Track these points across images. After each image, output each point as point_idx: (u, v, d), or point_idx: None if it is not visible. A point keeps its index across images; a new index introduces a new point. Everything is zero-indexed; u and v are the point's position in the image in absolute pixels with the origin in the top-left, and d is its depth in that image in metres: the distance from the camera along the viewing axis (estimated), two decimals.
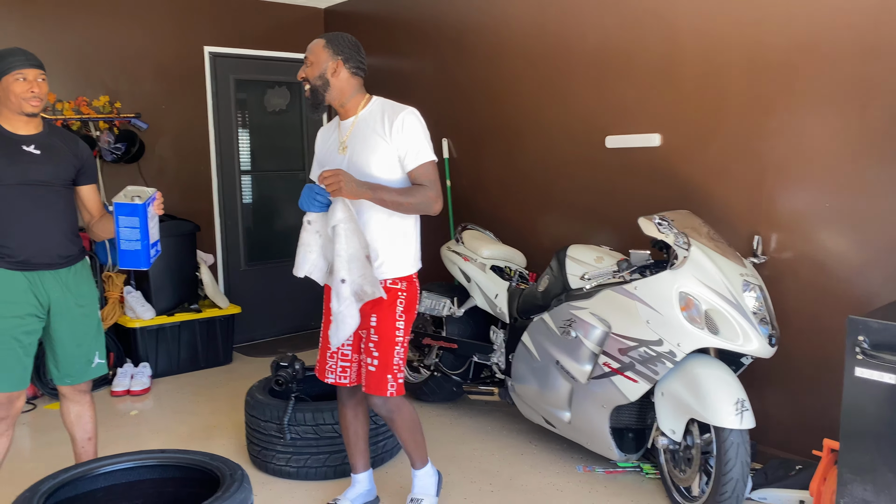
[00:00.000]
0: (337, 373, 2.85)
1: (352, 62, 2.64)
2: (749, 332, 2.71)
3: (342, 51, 2.63)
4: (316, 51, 2.63)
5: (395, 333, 2.68)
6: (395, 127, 2.58)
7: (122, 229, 2.62)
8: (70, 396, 2.88)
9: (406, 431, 2.79)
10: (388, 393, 2.69)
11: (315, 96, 2.66)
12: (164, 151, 5.19)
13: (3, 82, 2.57)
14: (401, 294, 2.70)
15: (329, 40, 2.63)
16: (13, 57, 2.59)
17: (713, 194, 3.43)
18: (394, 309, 2.69)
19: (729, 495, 2.59)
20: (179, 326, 4.88)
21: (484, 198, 4.67)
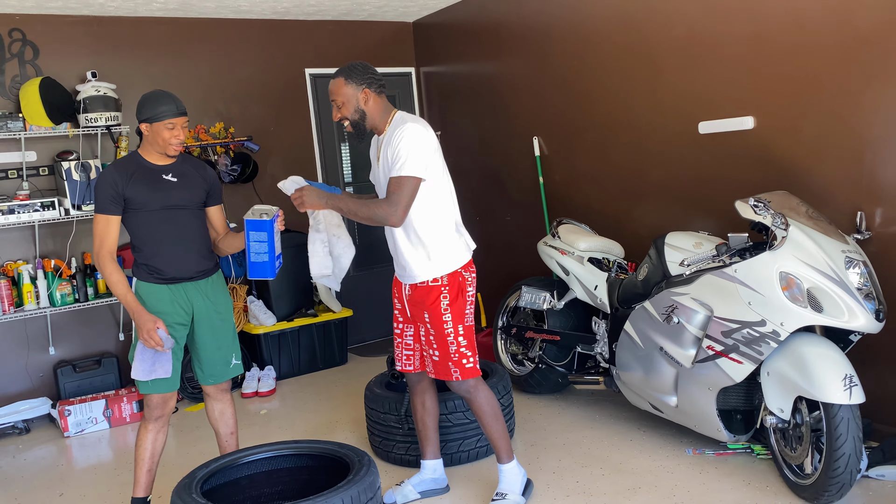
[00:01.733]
0: (402, 360, 3.13)
1: (374, 85, 2.88)
2: (854, 308, 2.71)
3: (363, 79, 2.87)
4: (340, 90, 2.87)
5: (443, 327, 2.89)
6: (393, 140, 2.81)
7: (252, 243, 2.92)
8: (213, 395, 3.21)
9: (484, 415, 2.98)
10: (453, 378, 2.93)
11: (358, 129, 2.94)
12: (275, 170, 5.58)
13: (154, 127, 2.91)
14: (443, 289, 2.90)
15: (346, 75, 2.86)
16: (166, 106, 2.89)
17: (811, 173, 3.41)
18: (438, 305, 2.90)
19: (842, 470, 2.61)
20: (298, 331, 5.23)
21: (577, 192, 4.77)
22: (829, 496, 2.69)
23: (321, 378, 5.21)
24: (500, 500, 2.97)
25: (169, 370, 2.96)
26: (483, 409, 2.98)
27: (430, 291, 2.92)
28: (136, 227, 2.98)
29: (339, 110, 2.90)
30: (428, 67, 6.06)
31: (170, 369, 2.96)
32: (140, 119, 2.91)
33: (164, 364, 2.97)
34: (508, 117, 5.25)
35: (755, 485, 3.02)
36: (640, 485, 3.13)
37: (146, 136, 2.95)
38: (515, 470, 3.04)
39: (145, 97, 2.92)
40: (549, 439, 3.70)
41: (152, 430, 3.00)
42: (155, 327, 2.85)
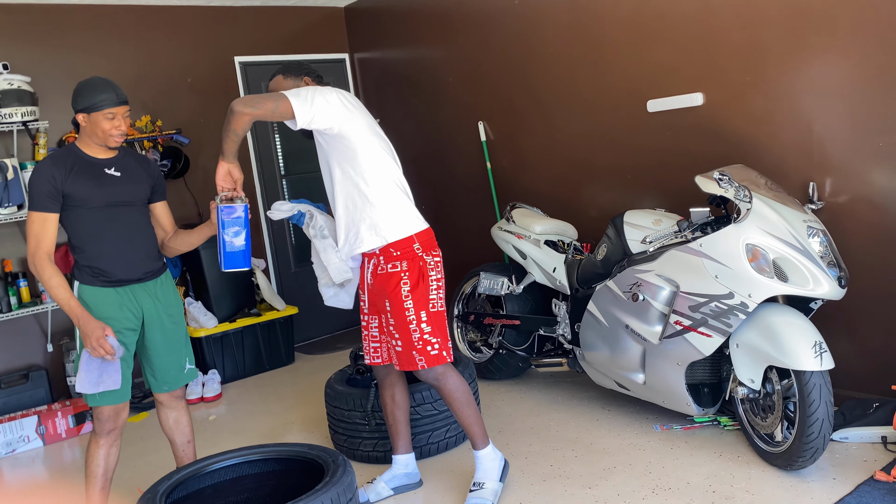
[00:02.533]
0: (370, 353, 3.03)
1: (313, 75, 2.91)
2: (819, 276, 2.77)
3: (300, 70, 2.91)
4: (280, 84, 2.88)
5: (405, 314, 2.80)
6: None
7: (227, 230, 2.75)
8: (167, 403, 3.01)
9: (455, 402, 2.89)
10: (419, 366, 2.84)
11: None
12: (208, 164, 5.32)
13: (92, 117, 2.68)
14: (403, 275, 2.81)
15: (283, 71, 2.91)
16: (105, 94, 2.66)
17: (762, 147, 3.47)
18: (399, 292, 2.80)
19: (816, 436, 2.66)
20: (242, 332, 5.01)
21: (526, 176, 4.74)
22: (802, 461, 2.74)
23: (269, 379, 5.02)
24: (478, 489, 2.90)
25: (118, 381, 2.74)
26: (454, 395, 2.90)
27: (389, 278, 2.82)
28: (77, 226, 2.74)
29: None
30: (362, 53, 5.90)
31: (119, 380, 2.74)
32: (76, 109, 2.68)
33: (112, 375, 2.74)
34: (451, 103, 5.17)
35: (727, 456, 3.06)
36: (614, 464, 3.12)
37: (84, 128, 2.71)
38: (492, 454, 2.97)
39: (81, 85, 2.69)
40: (515, 424, 3.66)
41: (104, 444, 2.78)
42: (104, 334, 2.63)
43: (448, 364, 2.89)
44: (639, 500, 2.81)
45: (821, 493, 2.68)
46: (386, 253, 2.82)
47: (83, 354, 2.68)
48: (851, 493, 2.65)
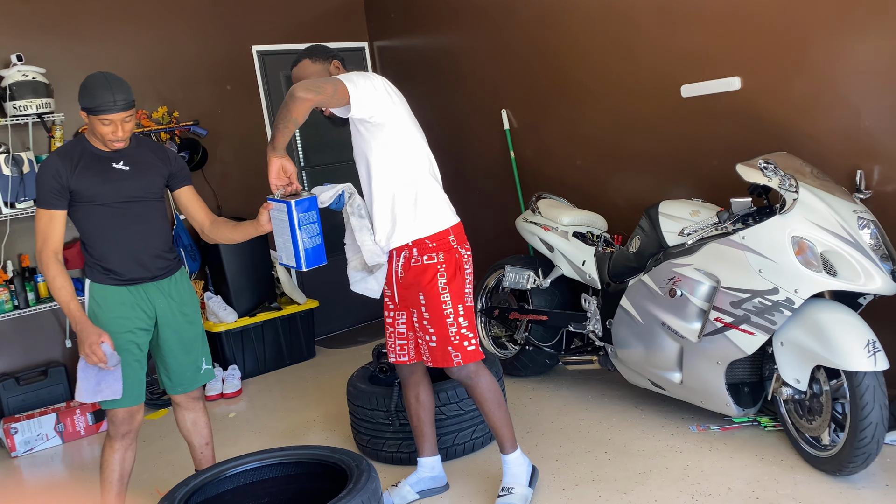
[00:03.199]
0: (396, 351, 2.89)
1: (338, 58, 2.78)
2: (871, 270, 2.59)
3: (328, 53, 2.76)
4: (308, 70, 2.73)
5: (442, 308, 2.68)
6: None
7: (303, 227, 2.56)
8: (184, 404, 2.91)
9: (486, 402, 2.77)
10: (454, 363, 2.71)
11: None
12: (226, 155, 5.21)
13: (91, 119, 2.55)
14: (440, 267, 2.69)
15: (310, 55, 2.74)
16: (103, 99, 2.50)
17: (805, 133, 3.28)
18: (435, 284, 2.68)
19: (869, 440, 2.50)
20: (262, 326, 4.92)
21: (551, 165, 4.58)
22: (853, 467, 2.58)
23: (289, 374, 4.92)
24: (507, 494, 2.78)
25: (118, 391, 2.60)
26: (485, 395, 2.77)
27: (425, 270, 2.69)
28: (86, 223, 2.64)
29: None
30: (382, 41, 5.76)
31: (119, 390, 2.61)
32: (80, 106, 2.56)
33: (111, 384, 2.61)
34: (473, 91, 5.01)
35: (769, 459, 2.91)
36: (650, 468, 2.98)
37: (87, 125, 2.60)
38: (520, 459, 2.84)
39: (85, 82, 2.55)
40: (543, 424, 3.52)
41: (119, 448, 2.68)
42: (99, 341, 2.51)
43: (480, 362, 2.76)
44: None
45: (873, 501, 2.52)
46: (421, 245, 2.69)
47: (80, 361, 2.57)
48: None
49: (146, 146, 2.80)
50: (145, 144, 2.80)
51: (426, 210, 2.69)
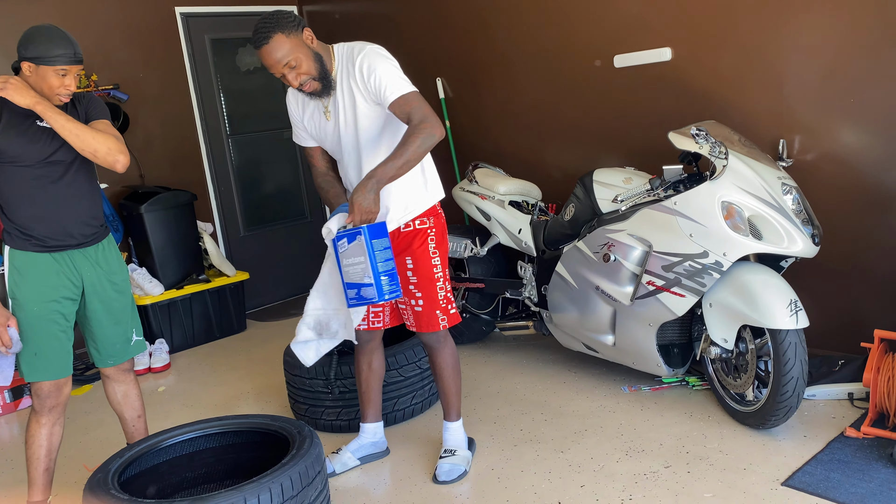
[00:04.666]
0: (369, 318, 2.84)
1: (303, 25, 2.41)
2: (794, 234, 2.73)
3: (296, 21, 2.38)
4: (284, 47, 2.34)
5: (433, 271, 2.69)
6: (359, 73, 2.45)
7: (377, 253, 2.36)
8: (114, 377, 2.80)
9: (447, 368, 2.81)
10: (440, 326, 2.73)
11: (325, 79, 2.47)
12: (148, 121, 5.00)
13: (41, 70, 2.39)
14: (430, 231, 2.70)
15: (280, 28, 2.34)
16: (63, 49, 2.37)
17: (732, 103, 3.40)
18: (426, 248, 2.68)
19: (790, 394, 2.64)
20: (190, 299, 4.78)
21: (486, 135, 4.60)
22: (775, 420, 2.73)
23: (220, 348, 4.81)
24: (450, 456, 2.81)
25: (8, 377, 2.55)
26: (447, 361, 2.80)
27: (416, 235, 2.67)
28: (6, 185, 2.49)
29: (298, 71, 2.38)
30: (312, 6, 5.61)
31: (9, 376, 2.55)
32: (24, 56, 2.39)
33: (3, 370, 2.53)
34: (407, 59, 4.90)
35: (697, 416, 3.04)
36: (585, 427, 3.06)
37: (27, 78, 2.43)
38: (462, 428, 2.89)
39: (36, 32, 2.39)
40: (481, 388, 3.57)
41: (46, 423, 2.56)
42: (6, 324, 2.41)
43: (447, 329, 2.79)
44: (613, 462, 2.76)
45: (793, 451, 2.68)
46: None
47: None
48: (823, 450, 2.65)
49: (69, 105, 2.65)
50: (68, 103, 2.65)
51: (432, 179, 2.69)
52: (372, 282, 2.36)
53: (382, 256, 2.38)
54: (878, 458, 2.54)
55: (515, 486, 2.68)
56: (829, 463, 2.55)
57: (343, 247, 2.40)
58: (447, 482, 2.75)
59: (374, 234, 2.36)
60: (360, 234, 2.34)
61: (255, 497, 2.16)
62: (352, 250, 2.37)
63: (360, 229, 2.34)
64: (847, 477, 2.45)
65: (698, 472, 2.62)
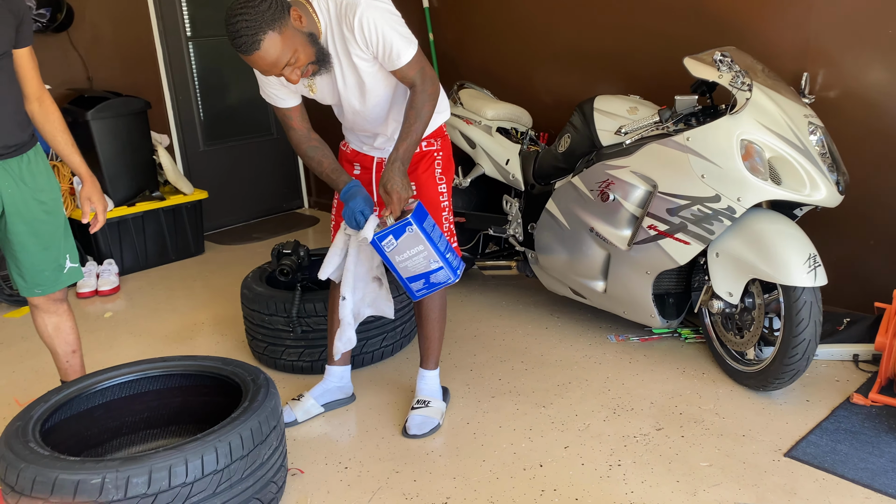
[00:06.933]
0: None
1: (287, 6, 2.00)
2: (817, 180, 2.43)
3: (280, 8, 1.96)
4: (279, 46, 1.95)
5: (438, 199, 2.43)
6: (360, 36, 2.07)
7: (433, 234, 2.16)
8: (44, 307, 2.46)
9: (434, 310, 2.54)
10: None
11: (323, 58, 2.10)
12: (96, 17, 4.47)
13: None
14: (437, 155, 2.41)
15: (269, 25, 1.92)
16: None
17: (750, 29, 3.05)
18: (432, 172, 2.40)
19: (799, 357, 2.40)
20: (143, 217, 4.39)
21: (473, 51, 4.19)
22: (779, 383, 2.50)
23: (174, 271, 4.46)
24: (423, 407, 2.55)
25: None
26: (436, 303, 2.52)
27: (422, 158, 2.38)
28: None
29: (298, 64, 2.02)
30: None
31: None
32: None
33: None
34: None
35: (690, 372, 2.81)
36: (569, 379, 2.82)
37: None
38: (438, 378, 2.62)
39: None
40: (457, 331, 3.30)
41: None
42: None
43: None
44: (599, 421, 2.53)
45: (795, 417, 2.46)
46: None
47: None
48: (828, 417, 2.44)
49: None
50: None
51: (442, 98, 2.40)
52: (441, 264, 2.15)
53: (437, 234, 2.17)
54: (888, 429, 2.34)
55: (493, 444, 2.43)
56: (836, 433, 2.34)
57: (390, 245, 2.13)
58: (418, 436, 2.50)
59: (421, 219, 2.12)
60: (409, 226, 2.09)
61: (199, 457, 1.88)
62: (403, 244, 2.12)
63: (407, 221, 2.09)
64: (855, 450, 2.25)
65: (693, 437, 2.40)
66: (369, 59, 2.13)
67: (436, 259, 2.15)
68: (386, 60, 2.11)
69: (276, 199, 5.47)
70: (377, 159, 2.45)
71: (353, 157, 2.50)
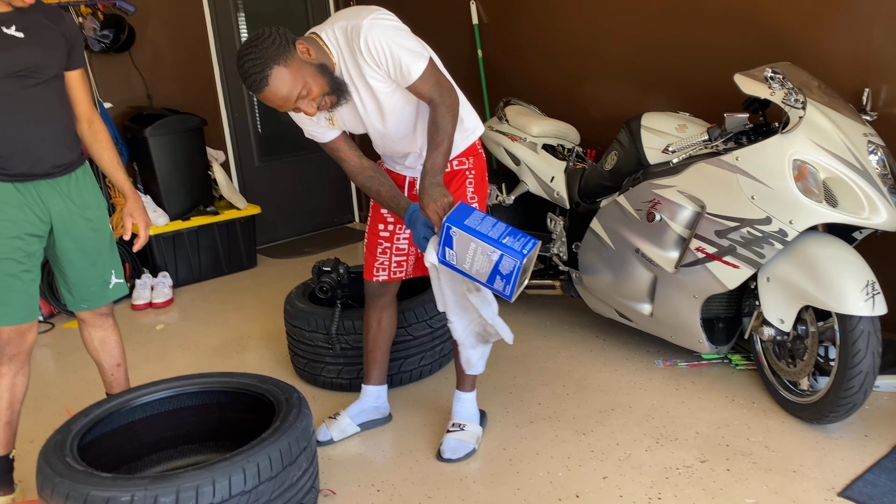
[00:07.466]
0: (391, 269, 2.55)
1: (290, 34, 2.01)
2: (877, 202, 2.30)
3: (285, 43, 1.97)
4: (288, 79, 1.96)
5: None
6: (369, 56, 2.05)
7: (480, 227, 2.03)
8: (90, 321, 2.53)
9: None
10: None
11: (338, 88, 2.09)
12: (157, 37, 4.62)
13: None
14: (469, 174, 2.39)
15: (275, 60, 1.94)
16: None
17: (808, 43, 2.92)
18: (464, 192, 2.38)
19: (856, 390, 2.27)
20: (197, 231, 4.49)
21: (522, 67, 4.14)
22: (835, 416, 2.36)
23: (227, 284, 4.55)
24: (458, 431, 2.51)
25: None
26: None
27: (453, 177, 2.37)
28: None
29: (311, 96, 2.02)
30: None
31: None
32: None
33: None
34: None
35: (740, 401, 2.69)
36: (612, 406, 2.73)
37: None
38: (475, 401, 2.58)
39: None
40: (498, 351, 3.25)
41: (7, 373, 2.29)
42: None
43: None
44: (641, 451, 2.43)
45: (852, 454, 2.32)
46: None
47: None
48: (888, 455, 2.29)
49: (41, 10, 2.29)
50: (40, 9, 2.29)
51: (468, 113, 2.38)
52: (499, 252, 2.00)
53: (487, 225, 2.03)
54: None
55: (528, 472, 2.37)
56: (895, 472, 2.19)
57: (452, 257, 2.06)
58: (452, 460, 2.45)
59: (460, 217, 2.03)
60: (450, 230, 2.02)
61: (227, 478, 1.88)
62: (458, 250, 2.04)
63: (446, 226, 2.02)
64: None
65: (739, 471, 2.28)
66: (383, 78, 2.11)
67: (492, 250, 2.00)
68: (398, 76, 2.08)
69: (328, 213, 5.53)
70: (409, 178, 2.44)
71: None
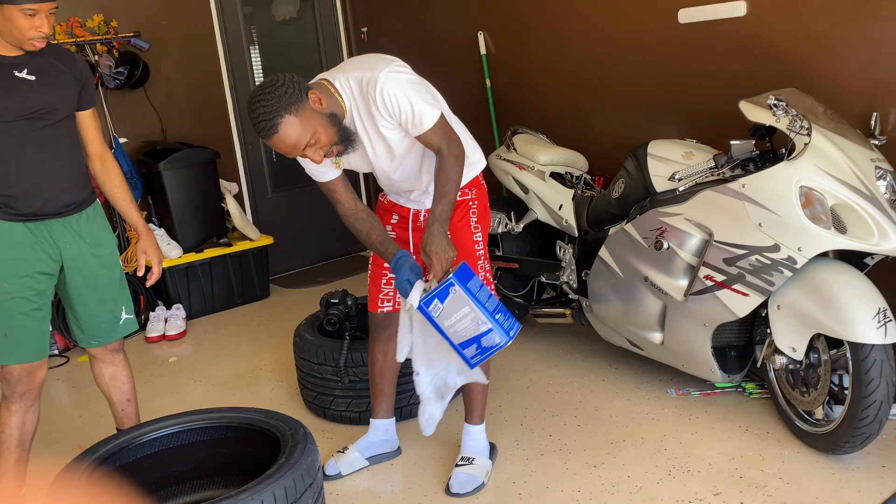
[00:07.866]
0: (395, 299, 2.54)
1: (303, 83, 2.04)
2: (886, 228, 2.27)
3: (296, 92, 1.98)
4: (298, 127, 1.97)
5: (473, 248, 2.40)
6: (381, 106, 2.07)
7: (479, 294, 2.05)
8: (101, 357, 2.55)
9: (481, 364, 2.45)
10: None
11: (347, 136, 2.10)
12: (171, 73, 4.71)
13: (5, 10, 2.09)
14: (472, 204, 2.40)
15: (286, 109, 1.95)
16: None
17: (815, 68, 2.91)
18: (467, 222, 2.38)
19: (871, 420, 2.22)
20: (210, 263, 4.53)
21: (530, 96, 4.17)
22: (850, 447, 2.32)
23: (240, 315, 4.57)
24: (467, 465, 2.49)
25: None
26: None
27: (457, 207, 2.38)
28: None
29: (320, 145, 2.03)
30: None
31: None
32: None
33: None
34: (447, 10, 4.52)
35: (753, 431, 2.64)
36: (623, 437, 2.70)
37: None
38: (485, 433, 2.56)
39: None
40: (509, 381, 3.23)
41: (17, 411, 2.32)
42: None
43: None
44: (653, 483, 2.40)
45: (869, 485, 2.27)
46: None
47: None
48: None
49: (52, 54, 2.35)
50: (50, 50, 2.35)
51: (471, 147, 2.40)
52: (490, 325, 2.02)
53: (484, 295, 2.05)
54: None
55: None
56: None
57: (437, 310, 2.04)
58: (461, 494, 2.43)
59: (465, 278, 2.04)
60: (451, 286, 2.00)
61: None
62: (449, 307, 2.03)
63: (449, 281, 2.01)
64: None
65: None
66: (395, 127, 2.14)
67: (484, 321, 2.02)
68: (410, 126, 2.11)
69: (341, 242, 5.56)
70: (413, 211, 2.45)
71: (390, 207, 2.51)
